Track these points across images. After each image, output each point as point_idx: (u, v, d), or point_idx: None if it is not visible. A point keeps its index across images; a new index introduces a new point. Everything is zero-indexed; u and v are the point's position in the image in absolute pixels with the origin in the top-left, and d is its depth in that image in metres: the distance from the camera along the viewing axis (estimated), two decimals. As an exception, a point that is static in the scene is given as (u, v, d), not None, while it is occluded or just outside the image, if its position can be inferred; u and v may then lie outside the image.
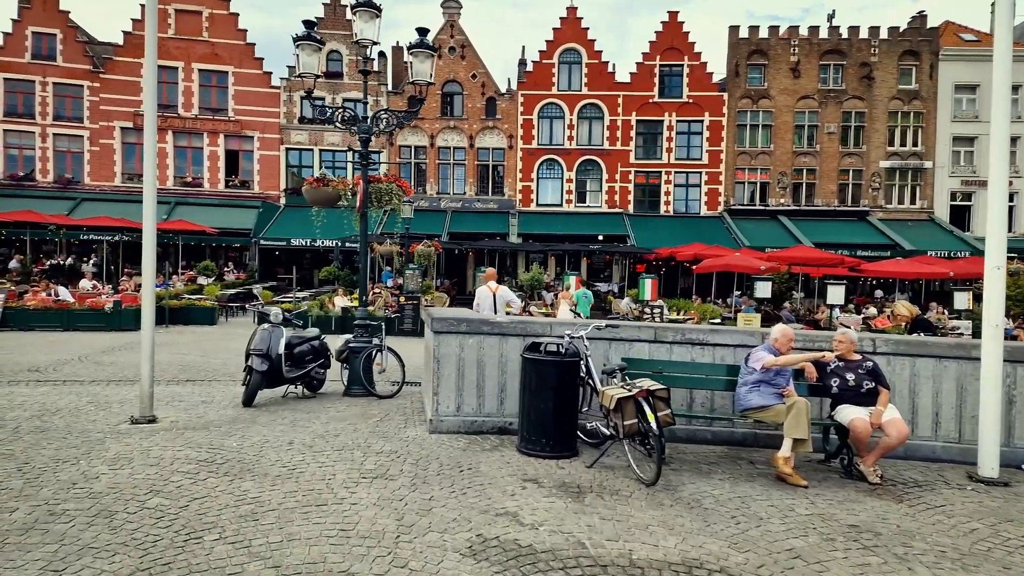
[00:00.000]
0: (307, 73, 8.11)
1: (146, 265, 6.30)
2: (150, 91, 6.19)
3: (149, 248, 6.28)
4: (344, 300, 17.49)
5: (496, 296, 8.45)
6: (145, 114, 6.31)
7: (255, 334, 7.57)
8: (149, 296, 6.28)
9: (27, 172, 27.32)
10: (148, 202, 6.26)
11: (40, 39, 27.58)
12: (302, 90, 7.84)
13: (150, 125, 6.25)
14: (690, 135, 29.53)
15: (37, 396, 7.59)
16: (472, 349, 5.81)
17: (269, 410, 7.07)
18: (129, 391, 8.13)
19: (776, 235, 27.20)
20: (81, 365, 10.10)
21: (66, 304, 15.23)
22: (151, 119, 6.25)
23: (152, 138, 6.28)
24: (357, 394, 8.00)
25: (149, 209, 6.25)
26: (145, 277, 6.32)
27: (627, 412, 4.45)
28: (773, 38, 28.87)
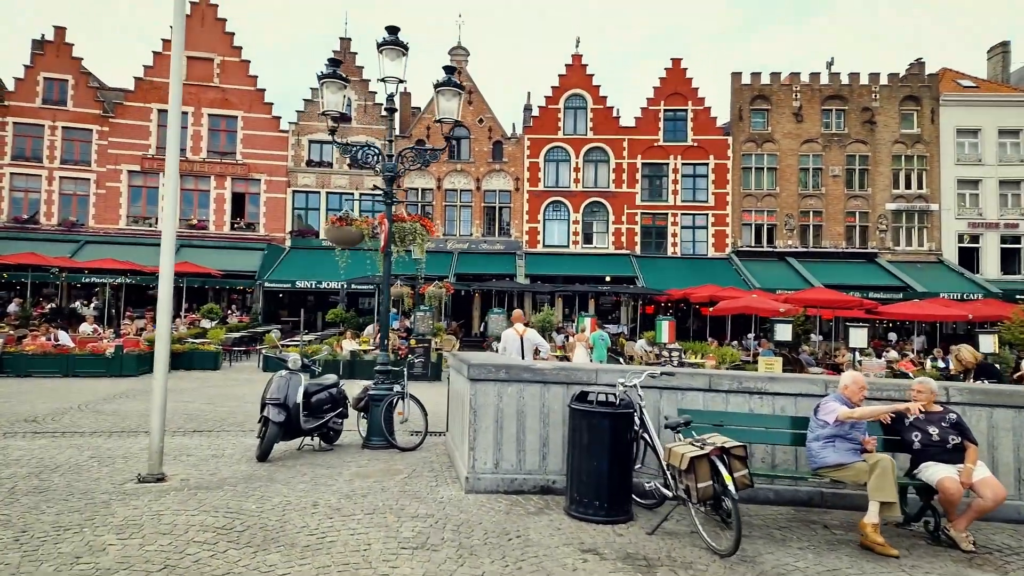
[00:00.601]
0: (331, 111, 7.89)
1: (161, 309, 5.91)
2: (173, 135, 5.91)
3: (165, 292, 5.89)
4: (353, 343, 17.03)
5: (524, 339, 8.03)
6: (167, 157, 6.03)
7: (271, 382, 7.12)
8: (164, 343, 5.87)
9: (31, 215, 27.16)
10: (166, 244, 5.91)
11: (52, 84, 27.84)
12: (326, 130, 7.57)
13: (172, 167, 5.96)
14: (695, 177, 29.59)
15: (35, 450, 7.08)
16: (512, 399, 5.37)
17: (286, 465, 6.57)
18: (133, 443, 7.62)
19: (786, 277, 26.95)
20: (81, 415, 9.59)
21: (66, 349, 14.75)
22: (173, 162, 5.96)
23: (174, 179, 5.97)
24: (377, 446, 7.49)
25: (167, 251, 5.89)
26: (160, 322, 5.91)
27: (701, 473, 4.00)
28: (775, 84, 29.25)
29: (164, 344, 5.88)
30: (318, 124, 29.93)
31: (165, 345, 5.88)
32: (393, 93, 8.01)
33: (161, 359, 5.85)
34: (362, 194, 30.16)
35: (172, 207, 5.99)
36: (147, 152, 28.41)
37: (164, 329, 5.89)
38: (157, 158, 28.37)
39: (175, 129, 5.93)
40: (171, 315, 6.01)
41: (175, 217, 6.02)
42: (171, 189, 5.97)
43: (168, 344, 5.94)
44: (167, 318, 5.92)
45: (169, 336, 5.97)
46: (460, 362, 5.94)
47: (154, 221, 28.33)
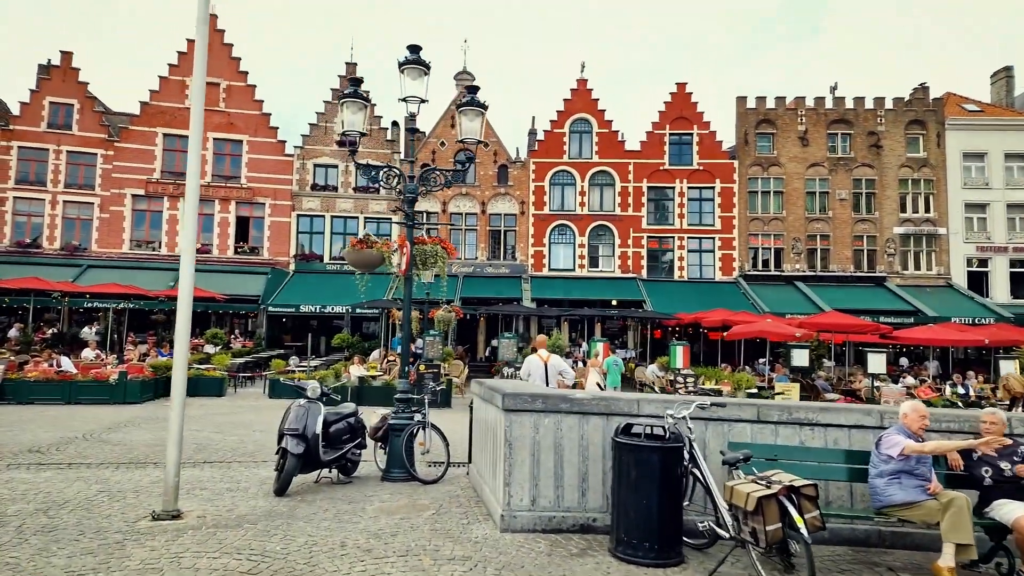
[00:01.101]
0: (352, 131, 7.72)
1: (179, 337, 5.66)
2: (194, 159, 5.73)
3: (184, 319, 5.65)
4: (360, 369, 16.71)
5: (548, 366, 7.75)
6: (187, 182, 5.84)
7: (288, 411, 6.83)
8: (181, 371, 5.60)
9: (33, 239, 26.99)
10: (186, 269, 5.68)
11: (57, 109, 27.89)
12: (344, 152, 7.31)
13: (192, 193, 5.75)
14: (702, 201, 29.55)
15: (41, 484, 6.75)
16: (548, 431, 5.08)
17: (305, 500, 6.24)
18: (143, 476, 7.30)
19: (794, 301, 26.74)
20: (87, 444, 9.26)
21: (69, 375, 14.43)
22: (193, 187, 5.76)
23: (194, 202, 5.77)
24: (397, 478, 7.17)
25: (186, 277, 5.66)
26: (178, 350, 5.65)
27: (769, 515, 3.71)
28: (780, 108, 29.39)
29: (181, 373, 5.61)
30: (323, 148, 29.99)
31: (182, 374, 5.62)
32: (415, 113, 7.84)
33: (178, 389, 5.57)
34: (367, 218, 30.08)
35: (191, 232, 5.78)
36: (152, 176, 28.35)
37: (181, 357, 5.62)
38: (162, 182, 28.33)
39: (195, 155, 5.75)
40: (188, 343, 5.75)
41: (194, 242, 5.81)
42: (190, 215, 5.76)
43: (185, 373, 5.68)
44: (185, 346, 5.66)
45: (186, 365, 5.70)
46: (491, 391, 5.67)
47: (157, 245, 28.17)
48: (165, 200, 28.35)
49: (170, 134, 28.76)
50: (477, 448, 6.70)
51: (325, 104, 30.01)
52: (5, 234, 26.75)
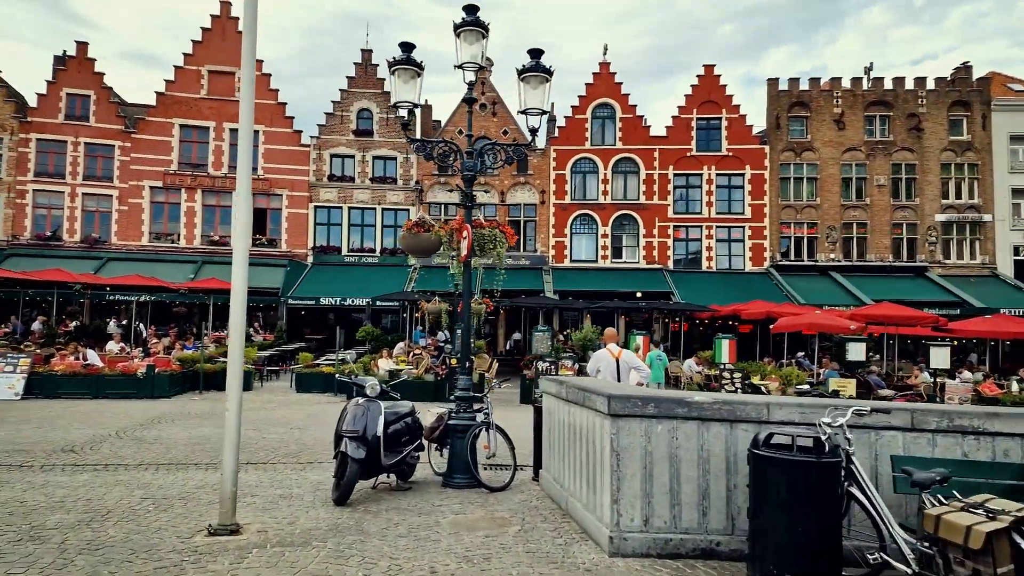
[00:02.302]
0: (403, 102, 7.05)
1: (234, 331, 5.06)
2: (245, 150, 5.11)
3: (238, 315, 5.05)
4: (389, 362, 16.14)
5: (620, 362, 7.10)
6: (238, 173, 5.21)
7: (346, 411, 6.24)
8: (237, 367, 5.01)
9: (53, 232, 26.63)
10: (239, 261, 5.08)
11: (74, 100, 27.43)
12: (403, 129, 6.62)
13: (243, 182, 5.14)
14: (731, 188, 28.68)
15: (79, 488, 6.21)
16: (662, 439, 4.44)
17: (370, 511, 5.65)
18: (186, 480, 6.75)
19: (830, 292, 25.88)
20: (121, 443, 8.74)
21: (96, 369, 13.97)
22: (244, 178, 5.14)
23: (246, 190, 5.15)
24: (461, 484, 6.57)
25: (240, 269, 5.06)
26: (233, 346, 5.06)
27: (1000, 555, 3.02)
28: (814, 90, 28.40)
29: (237, 371, 5.02)
30: (339, 138, 29.39)
31: (238, 372, 5.03)
32: (473, 81, 7.17)
33: (234, 391, 4.98)
34: (384, 209, 29.51)
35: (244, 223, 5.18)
36: (169, 168, 27.88)
37: (237, 354, 5.03)
38: (179, 174, 27.87)
39: (246, 145, 5.13)
40: (243, 339, 5.16)
41: (248, 234, 5.22)
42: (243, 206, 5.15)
43: (241, 371, 5.09)
44: (240, 342, 5.07)
45: (242, 362, 5.11)
46: (582, 391, 5.02)
47: (176, 238, 27.75)
48: (183, 192, 27.90)
49: (187, 125, 28.26)
50: (554, 454, 6.07)
51: (341, 93, 29.41)
52: (26, 227, 26.42)
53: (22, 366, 13.68)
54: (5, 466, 7.23)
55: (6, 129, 26.42)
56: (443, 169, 6.92)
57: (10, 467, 7.19)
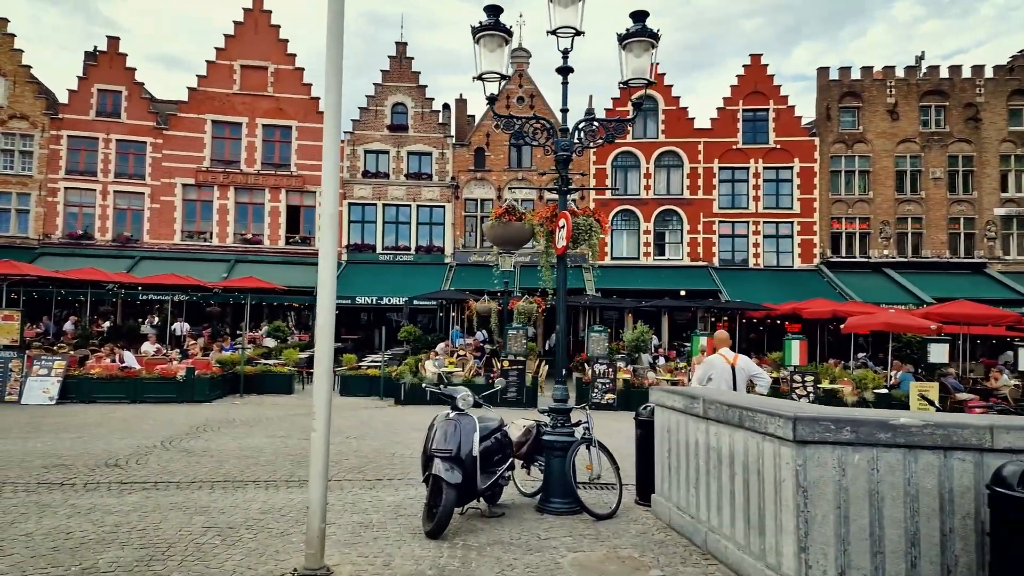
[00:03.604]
0: (490, 73, 6.21)
1: (322, 339, 4.26)
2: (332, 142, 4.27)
3: (326, 317, 4.24)
4: (436, 364, 15.35)
5: (736, 370, 6.19)
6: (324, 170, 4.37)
7: (434, 427, 5.42)
8: (325, 383, 4.19)
9: (85, 230, 26.34)
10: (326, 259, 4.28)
11: (105, 96, 27.13)
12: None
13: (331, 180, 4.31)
14: (779, 183, 27.48)
15: (130, 514, 5.47)
16: (860, 472, 3.53)
17: (470, 546, 4.82)
18: (248, 502, 5.98)
19: (886, 289, 24.63)
20: (168, 455, 8.02)
21: (133, 372, 13.38)
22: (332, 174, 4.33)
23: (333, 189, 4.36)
24: (559, 510, 5.70)
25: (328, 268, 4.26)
26: (320, 352, 4.25)
27: None
28: (867, 79, 27.08)
29: (325, 385, 4.21)
30: (374, 133, 28.75)
31: (326, 386, 4.21)
32: (568, 49, 6.30)
33: (322, 410, 4.17)
34: (419, 206, 28.81)
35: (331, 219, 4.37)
36: (201, 165, 27.47)
37: (325, 368, 4.22)
38: (211, 171, 27.44)
39: (333, 138, 4.33)
40: (332, 349, 4.35)
41: (335, 230, 4.42)
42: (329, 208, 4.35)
43: (330, 385, 4.28)
44: (329, 349, 4.26)
45: (331, 376, 4.30)
46: (750, 412, 4.09)
47: (209, 236, 27.33)
48: (215, 189, 27.47)
49: (219, 121, 27.83)
50: (677, 479, 5.17)
51: (375, 87, 28.77)
52: (57, 226, 26.18)
53: (57, 369, 13.13)
54: (45, 484, 6.54)
55: (37, 126, 26.20)
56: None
57: (50, 485, 6.49)
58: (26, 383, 12.80)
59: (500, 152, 28.88)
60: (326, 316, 4.24)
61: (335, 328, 16.92)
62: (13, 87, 25.95)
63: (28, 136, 26.05)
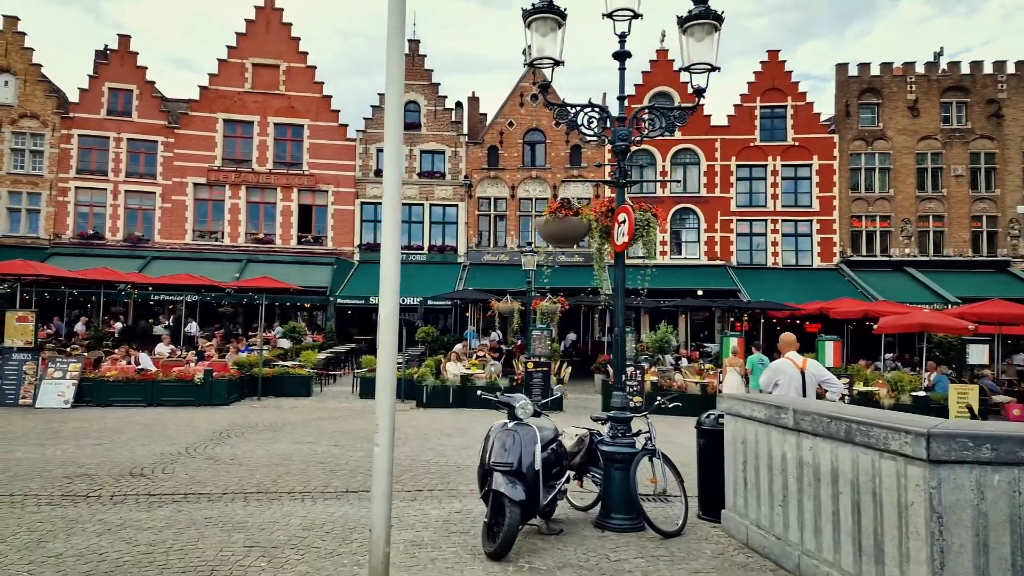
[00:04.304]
0: (543, 58, 5.84)
1: (384, 342, 3.89)
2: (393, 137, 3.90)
3: (389, 321, 3.88)
4: (459, 366, 14.99)
5: (806, 375, 5.79)
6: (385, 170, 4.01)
7: (490, 438, 5.03)
8: (388, 395, 3.82)
9: (96, 230, 26.07)
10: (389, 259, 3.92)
11: (116, 95, 26.84)
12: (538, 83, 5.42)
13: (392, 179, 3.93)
14: (797, 180, 27.03)
15: (164, 531, 5.12)
16: (1000, 496, 3.15)
17: (536, 569, 4.44)
18: (287, 517, 5.62)
19: (908, 288, 24.15)
20: (195, 464, 7.67)
21: (150, 374, 13.05)
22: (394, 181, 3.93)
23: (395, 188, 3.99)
24: (621, 527, 5.33)
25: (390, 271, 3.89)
26: (383, 359, 3.88)
27: None
28: (886, 75, 26.60)
29: (388, 396, 3.83)
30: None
31: (389, 397, 3.84)
32: (625, 33, 5.94)
33: (386, 418, 3.80)
34: (432, 205, 28.46)
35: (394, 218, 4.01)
36: (213, 164, 27.16)
37: (388, 378, 3.84)
38: (223, 170, 27.14)
39: (395, 132, 3.93)
40: (395, 355, 3.98)
41: (397, 229, 4.04)
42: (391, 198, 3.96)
43: (393, 396, 3.90)
44: (392, 350, 3.89)
45: (394, 386, 3.92)
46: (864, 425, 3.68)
47: (220, 236, 27.02)
48: (227, 188, 27.17)
49: (230, 119, 27.52)
50: (757, 495, 4.79)
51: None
52: (68, 225, 25.91)
53: (72, 371, 12.81)
54: (70, 496, 6.19)
55: (48, 125, 25.94)
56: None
57: (75, 498, 6.14)
58: (41, 386, 12.49)
59: (514, 150, 28.53)
60: (390, 318, 3.87)
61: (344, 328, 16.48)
62: (24, 86, 25.70)
63: (39, 135, 25.80)
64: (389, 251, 3.93)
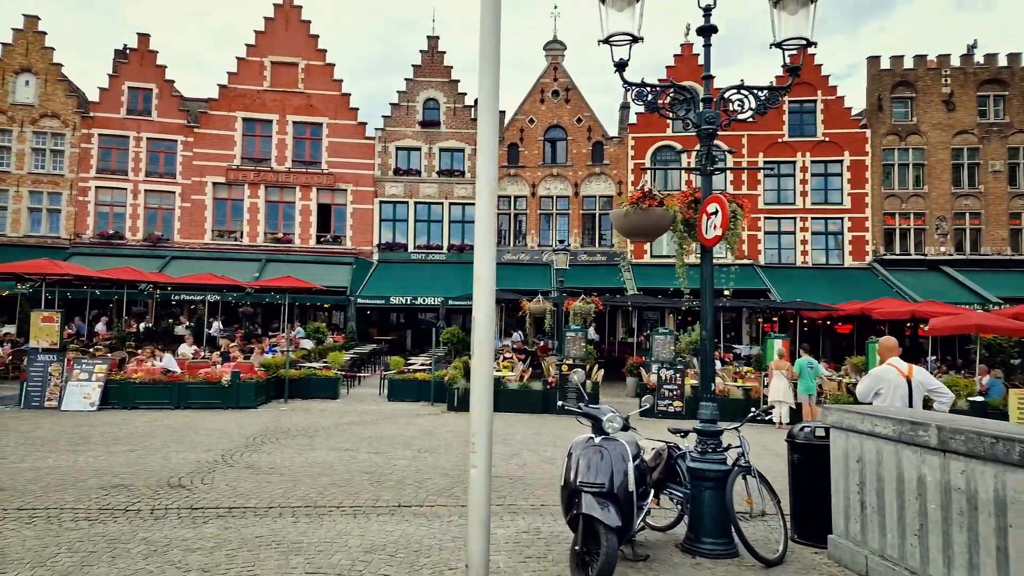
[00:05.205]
0: (619, 35, 5.33)
1: (481, 345, 3.41)
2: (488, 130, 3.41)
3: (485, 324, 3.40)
4: (489, 370, 14.48)
5: (913, 384, 5.26)
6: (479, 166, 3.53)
7: (574, 455, 4.54)
8: (485, 407, 3.35)
9: (116, 230, 25.86)
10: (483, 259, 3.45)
11: (136, 94, 26.63)
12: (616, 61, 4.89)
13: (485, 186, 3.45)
14: (827, 177, 26.35)
15: (214, 551, 4.68)
16: None
17: (638, 602, 3.96)
18: (344, 536, 5.17)
19: (946, 288, 23.42)
20: (233, 473, 7.25)
21: (177, 376, 12.69)
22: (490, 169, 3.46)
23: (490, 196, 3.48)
24: (714, 553, 4.82)
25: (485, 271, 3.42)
26: (478, 366, 3.41)
27: None
28: (920, 68, 25.86)
29: (486, 407, 3.36)
30: (405, 130, 28.02)
31: (487, 408, 3.37)
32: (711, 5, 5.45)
33: (483, 439, 3.32)
34: (451, 203, 28.03)
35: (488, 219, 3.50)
36: (232, 163, 26.89)
37: (486, 383, 3.37)
38: (242, 169, 26.86)
39: (491, 126, 3.46)
40: (492, 354, 3.51)
41: (492, 229, 3.58)
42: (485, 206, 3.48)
43: (491, 408, 3.42)
44: (489, 356, 3.42)
45: (491, 395, 3.45)
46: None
47: (239, 235, 26.74)
48: (246, 188, 26.89)
49: (249, 118, 27.25)
50: (885, 521, 4.26)
51: (406, 82, 28.04)
52: (88, 225, 25.72)
53: (98, 373, 12.47)
54: (108, 510, 5.77)
55: (68, 125, 25.77)
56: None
57: (114, 512, 5.72)
58: (66, 388, 12.17)
59: (534, 148, 28.06)
60: (485, 323, 3.39)
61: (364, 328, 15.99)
62: (44, 86, 25.53)
63: (59, 135, 25.63)
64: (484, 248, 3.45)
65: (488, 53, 3.45)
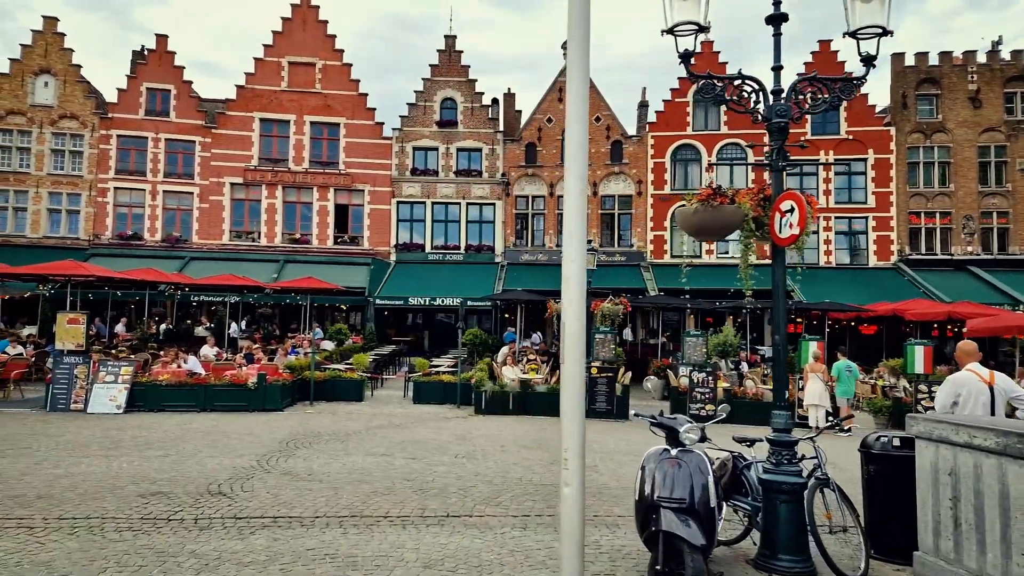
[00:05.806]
0: (685, 24, 5.08)
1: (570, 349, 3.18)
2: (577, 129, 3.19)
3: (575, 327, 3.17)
4: (515, 371, 14.30)
5: (995, 391, 4.99)
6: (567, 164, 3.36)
7: (648, 468, 4.28)
8: (577, 419, 3.12)
9: (134, 231, 25.87)
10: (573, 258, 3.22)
11: (154, 95, 26.63)
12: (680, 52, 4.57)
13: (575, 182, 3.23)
14: (851, 175, 25.95)
15: (267, 564, 4.50)
16: None
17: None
18: (398, 549, 4.96)
19: (973, 289, 22.96)
20: (272, 479, 7.07)
21: (203, 379, 12.55)
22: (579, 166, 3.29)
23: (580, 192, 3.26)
24: (792, 571, 4.55)
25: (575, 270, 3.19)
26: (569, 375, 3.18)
27: None
28: (945, 65, 25.40)
29: (578, 419, 3.13)
30: (422, 130, 27.86)
31: (580, 421, 3.14)
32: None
33: (576, 456, 3.09)
34: (469, 203, 27.83)
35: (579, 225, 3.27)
36: (249, 164, 26.83)
37: (577, 394, 3.14)
38: (260, 169, 26.80)
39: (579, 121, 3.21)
40: (583, 360, 3.28)
41: (583, 225, 3.34)
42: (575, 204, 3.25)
43: (583, 419, 3.19)
44: (580, 363, 3.19)
45: (583, 405, 3.22)
46: None
47: (257, 236, 26.68)
48: (263, 188, 26.84)
49: (267, 119, 27.19)
50: (986, 540, 4.00)
51: (424, 82, 27.90)
52: (107, 226, 25.74)
53: (124, 375, 12.35)
54: (150, 520, 5.59)
55: (87, 126, 25.80)
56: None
57: (156, 522, 5.54)
58: (92, 391, 12.05)
59: (552, 147, 27.80)
60: (576, 326, 3.16)
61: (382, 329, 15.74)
62: (63, 87, 25.58)
63: (78, 136, 25.66)
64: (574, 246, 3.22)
65: (576, 47, 3.22)
